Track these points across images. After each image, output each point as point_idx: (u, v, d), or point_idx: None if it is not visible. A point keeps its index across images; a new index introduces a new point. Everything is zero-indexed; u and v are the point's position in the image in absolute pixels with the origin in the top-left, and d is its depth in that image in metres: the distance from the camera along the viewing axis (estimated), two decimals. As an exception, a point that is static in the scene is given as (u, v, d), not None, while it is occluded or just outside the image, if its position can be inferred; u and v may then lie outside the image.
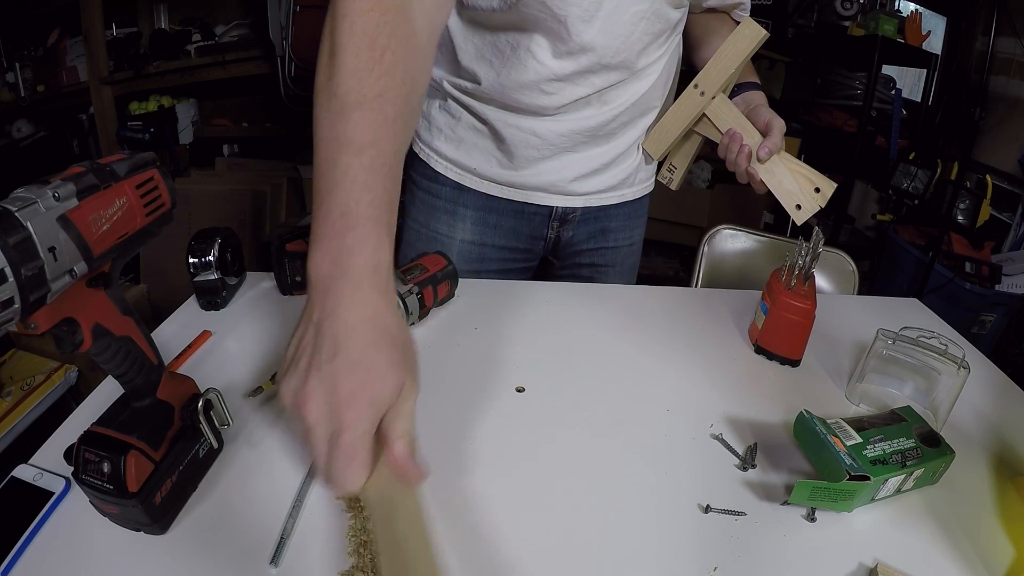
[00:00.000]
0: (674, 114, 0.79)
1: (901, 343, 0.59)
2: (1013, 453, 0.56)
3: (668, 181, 0.87)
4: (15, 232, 0.29)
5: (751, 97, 0.80)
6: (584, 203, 0.85)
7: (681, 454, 0.52)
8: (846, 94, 2.44)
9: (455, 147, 0.81)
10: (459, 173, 0.82)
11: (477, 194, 0.83)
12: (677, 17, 0.74)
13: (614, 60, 0.70)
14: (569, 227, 0.87)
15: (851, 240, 2.66)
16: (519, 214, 0.84)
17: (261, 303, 0.72)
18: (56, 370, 1.25)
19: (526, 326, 0.70)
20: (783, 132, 0.73)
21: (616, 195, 0.87)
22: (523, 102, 0.73)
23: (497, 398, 0.58)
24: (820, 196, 0.71)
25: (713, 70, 0.74)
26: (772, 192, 0.73)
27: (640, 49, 0.71)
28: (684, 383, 0.62)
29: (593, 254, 0.91)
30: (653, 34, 0.71)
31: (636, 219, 0.92)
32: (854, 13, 2.38)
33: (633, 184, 0.88)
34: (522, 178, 0.80)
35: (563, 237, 0.89)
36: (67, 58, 2.28)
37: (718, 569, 0.42)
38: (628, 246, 0.93)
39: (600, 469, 0.50)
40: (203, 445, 0.46)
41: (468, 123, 0.79)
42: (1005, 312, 1.95)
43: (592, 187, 0.83)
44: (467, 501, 0.46)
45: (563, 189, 0.82)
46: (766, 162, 0.72)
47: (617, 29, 0.68)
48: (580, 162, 0.80)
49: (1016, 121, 2.16)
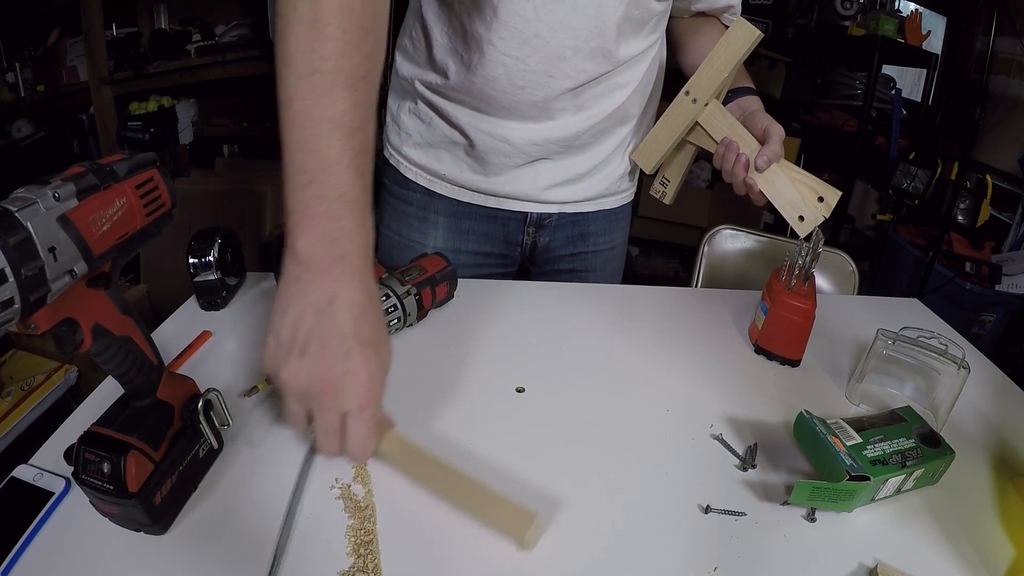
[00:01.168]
0: (665, 124, 0.73)
1: (901, 343, 0.59)
2: (1013, 453, 0.56)
3: (661, 195, 0.82)
4: (15, 232, 0.29)
5: (746, 103, 0.75)
6: (559, 209, 0.83)
7: (681, 454, 0.52)
8: (846, 94, 2.44)
9: (424, 152, 0.79)
10: (429, 179, 0.80)
11: (448, 200, 0.81)
12: (660, 9, 0.70)
13: (587, 45, 0.67)
14: (545, 232, 0.86)
15: (851, 240, 2.67)
16: (492, 219, 0.83)
17: (261, 303, 0.72)
18: (56, 370, 1.25)
19: (526, 327, 0.70)
20: (782, 139, 0.69)
21: (594, 204, 0.85)
22: (496, 99, 0.70)
23: (497, 398, 0.58)
24: (824, 206, 0.67)
25: (705, 75, 0.69)
26: (772, 203, 0.70)
27: (616, 36, 0.68)
28: (684, 383, 0.62)
29: (572, 259, 0.89)
30: (632, 21, 0.68)
31: (618, 222, 0.89)
32: (854, 13, 2.38)
33: (615, 193, 0.86)
34: (494, 185, 0.79)
35: (540, 242, 0.87)
36: (67, 58, 2.28)
37: (718, 569, 0.42)
38: (609, 250, 0.91)
39: (600, 469, 0.50)
40: (203, 445, 0.46)
41: (439, 127, 0.76)
42: (1005, 312, 1.95)
43: (568, 196, 0.82)
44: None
45: (537, 197, 0.80)
46: (765, 171, 0.69)
47: (590, 10, 0.64)
48: (555, 170, 0.78)
49: (1016, 121, 2.16)
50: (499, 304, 0.74)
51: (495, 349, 0.65)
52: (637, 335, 0.70)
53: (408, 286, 0.65)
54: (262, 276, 0.77)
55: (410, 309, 0.64)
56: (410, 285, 0.65)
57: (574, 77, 0.69)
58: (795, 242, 0.67)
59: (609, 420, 0.56)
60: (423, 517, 0.44)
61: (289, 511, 0.43)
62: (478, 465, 0.49)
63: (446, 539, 0.43)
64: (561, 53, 0.67)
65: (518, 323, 0.71)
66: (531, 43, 0.66)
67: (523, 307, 0.74)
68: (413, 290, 0.65)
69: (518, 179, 0.78)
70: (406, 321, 0.65)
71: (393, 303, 0.63)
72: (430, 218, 0.83)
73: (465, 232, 0.83)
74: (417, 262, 0.70)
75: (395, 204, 0.84)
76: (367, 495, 0.45)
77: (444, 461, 0.46)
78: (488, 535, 0.43)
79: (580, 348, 0.67)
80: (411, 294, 0.65)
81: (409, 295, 0.64)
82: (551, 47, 0.66)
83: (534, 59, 0.67)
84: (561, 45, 0.66)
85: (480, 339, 0.67)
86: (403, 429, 0.53)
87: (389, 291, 0.63)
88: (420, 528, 0.44)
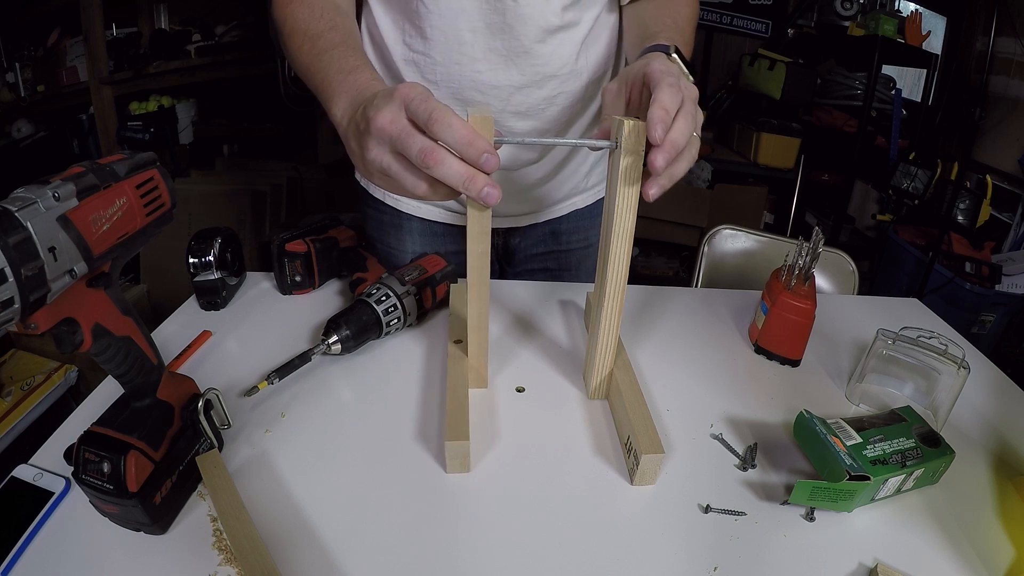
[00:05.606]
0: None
1: (901, 343, 0.59)
2: (1013, 453, 0.56)
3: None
4: (15, 232, 0.29)
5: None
6: (530, 221, 0.84)
7: (681, 454, 0.52)
8: (846, 94, 2.44)
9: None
10: (395, 199, 0.83)
11: (418, 217, 0.84)
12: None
13: (526, 9, 0.63)
14: (516, 234, 0.86)
15: (851, 240, 2.67)
16: (460, 229, 0.85)
17: (261, 303, 0.72)
18: (56, 370, 1.25)
19: (526, 326, 0.70)
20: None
21: (566, 205, 0.85)
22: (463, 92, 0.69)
23: (497, 398, 0.58)
24: None
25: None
26: None
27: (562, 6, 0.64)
28: (684, 383, 0.62)
29: (545, 258, 0.89)
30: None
31: (592, 219, 0.88)
32: (854, 13, 2.38)
33: (584, 191, 0.85)
34: (460, 206, 0.81)
35: (511, 244, 0.88)
36: (67, 58, 2.28)
37: (718, 569, 0.42)
38: (583, 248, 0.90)
39: (600, 469, 0.50)
40: (203, 445, 0.46)
41: None
42: (1005, 312, 1.95)
43: (534, 206, 0.83)
44: (467, 500, 0.46)
45: (503, 212, 0.82)
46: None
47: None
48: (521, 191, 0.80)
49: (1016, 121, 2.16)
50: (498, 304, 0.74)
51: (495, 349, 0.65)
52: (637, 335, 0.70)
53: (408, 286, 0.65)
54: (262, 276, 0.77)
55: (410, 309, 0.64)
56: (410, 285, 0.65)
57: (515, 49, 0.66)
58: (795, 242, 0.67)
59: (609, 420, 0.56)
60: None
61: None
62: (477, 465, 0.50)
63: (446, 539, 0.43)
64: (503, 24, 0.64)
65: (518, 322, 0.71)
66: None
67: (523, 307, 0.74)
68: (413, 290, 0.65)
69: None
70: (406, 321, 0.65)
71: (393, 303, 0.63)
72: (404, 225, 0.85)
73: (441, 235, 0.86)
74: (417, 262, 0.70)
75: (371, 214, 0.87)
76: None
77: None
78: (488, 534, 0.43)
79: (580, 348, 0.67)
80: (411, 294, 0.65)
81: (409, 295, 0.64)
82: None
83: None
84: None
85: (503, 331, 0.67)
86: (404, 429, 0.53)
87: (389, 291, 0.63)
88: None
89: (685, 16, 0.65)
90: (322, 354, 0.59)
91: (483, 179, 0.40)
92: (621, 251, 0.49)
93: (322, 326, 0.61)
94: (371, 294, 0.62)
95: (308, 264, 0.72)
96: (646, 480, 0.49)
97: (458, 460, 0.48)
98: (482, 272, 0.50)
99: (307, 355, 0.57)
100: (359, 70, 0.52)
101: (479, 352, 0.57)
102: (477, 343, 0.56)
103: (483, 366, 0.58)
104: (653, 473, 0.48)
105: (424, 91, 0.41)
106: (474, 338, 0.56)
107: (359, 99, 0.47)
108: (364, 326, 0.61)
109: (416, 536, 0.43)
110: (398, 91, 0.41)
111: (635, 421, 0.50)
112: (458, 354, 0.59)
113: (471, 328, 0.54)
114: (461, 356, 0.58)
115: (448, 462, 0.48)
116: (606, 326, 0.53)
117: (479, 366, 0.58)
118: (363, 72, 0.51)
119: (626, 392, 0.53)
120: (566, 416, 0.56)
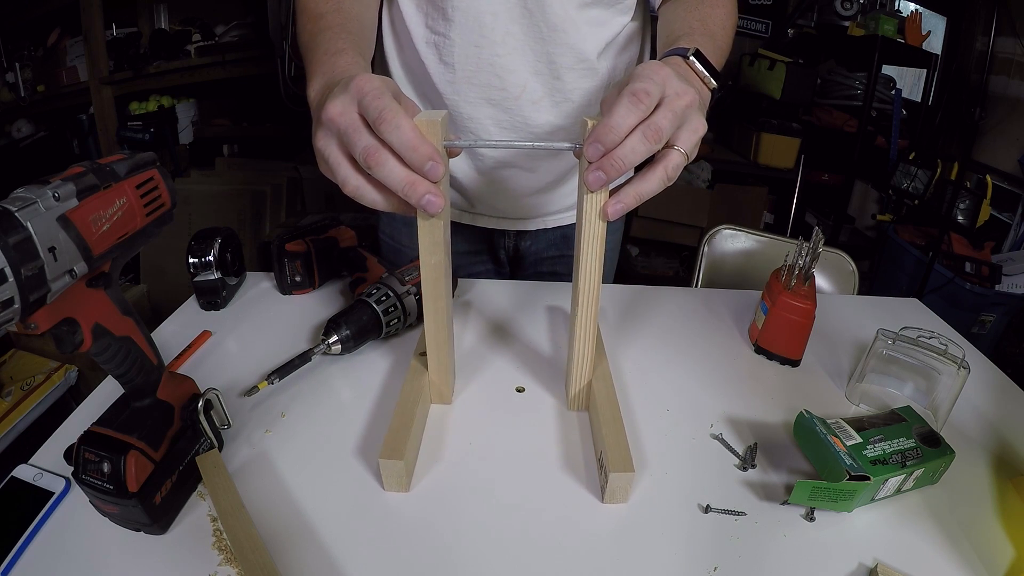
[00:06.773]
0: None
1: (901, 343, 0.59)
2: (1013, 453, 0.56)
3: None
4: (15, 232, 0.29)
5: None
6: (540, 225, 0.85)
7: (681, 454, 0.52)
8: (846, 94, 2.44)
9: None
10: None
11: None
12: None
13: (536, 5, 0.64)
14: (526, 237, 0.87)
15: (851, 240, 2.67)
16: (472, 229, 0.85)
17: (261, 303, 0.72)
18: (56, 370, 1.25)
19: (526, 326, 0.70)
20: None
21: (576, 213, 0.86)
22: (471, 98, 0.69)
23: (497, 398, 0.58)
24: None
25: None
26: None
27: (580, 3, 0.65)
28: (684, 383, 0.62)
29: (555, 262, 0.89)
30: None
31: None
32: (854, 13, 2.38)
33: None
34: (473, 210, 0.82)
35: (522, 246, 0.88)
36: (67, 58, 2.28)
37: (718, 569, 0.42)
38: None
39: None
40: (203, 445, 0.46)
41: None
42: (1005, 312, 1.95)
43: (539, 211, 0.83)
44: (467, 500, 0.46)
45: (514, 214, 0.82)
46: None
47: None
48: (518, 196, 0.80)
49: (1016, 121, 2.16)
50: (498, 304, 0.74)
51: (495, 349, 0.65)
52: (637, 334, 0.70)
53: (408, 286, 0.65)
54: (262, 276, 0.77)
55: (410, 309, 0.64)
56: (410, 285, 0.65)
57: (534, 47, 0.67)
58: (795, 242, 0.67)
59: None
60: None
61: None
62: (478, 462, 0.50)
63: (446, 538, 0.43)
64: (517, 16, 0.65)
65: (518, 322, 0.71)
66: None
67: (523, 306, 0.74)
68: (413, 290, 0.65)
69: (497, 208, 0.81)
70: (406, 321, 0.65)
71: (393, 303, 0.63)
72: (414, 222, 0.84)
73: (452, 234, 0.84)
74: (417, 262, 0.70)
75: (383, 213, 0.86)
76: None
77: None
78: (488, 533, 0.43)
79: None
80: (411, 294, 0.65)
81: (409, 295, 0.64)
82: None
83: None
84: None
85: (480, 339, 0.67)
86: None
87: (389, 291, 0.63)
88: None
89: (716, 18, 0.62)
90: (322, 354, 0.59)
91: (424, 186, 0.39)
92: (593, 258, 0.46)
93: (322, 326, 0.61)
94: (371, 294, 0.62)
95: (308, 264, 0.72)
96: (617, 498, 0.46)
97: (395, 478, 0.46)
98: (437, 285, 0.48)
99: (307, 355, 0.57)
100: (342, 53, 0.51)
101: (439, 368, 0.54)
102: (437, 359, 0.53)
103: (445, 383, 0.55)
104: (624, 491, 0.46)
105: (380, 86, 0.39)
106: (434, 355, 0.53)
107: (330, 82, 0.46)
108: (364, 326, 0.61)
109: (417, 536, 0.43)
110: (354, 82, 0.39)
111: (608, 436, 0.48)
112: (419, 368, 0.55)
113: (429, 345, 0.52)
114: (422, 370, 0.55)
115: (384, 480, 0.46)
116: (581, 336, 0.50)
117: (440, 383, 0.55)
118: (344, 55, 0.50)
119: (601, 405, 0.51)
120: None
